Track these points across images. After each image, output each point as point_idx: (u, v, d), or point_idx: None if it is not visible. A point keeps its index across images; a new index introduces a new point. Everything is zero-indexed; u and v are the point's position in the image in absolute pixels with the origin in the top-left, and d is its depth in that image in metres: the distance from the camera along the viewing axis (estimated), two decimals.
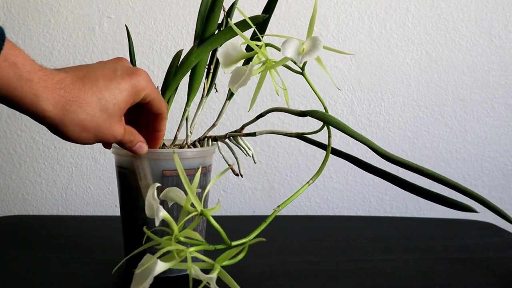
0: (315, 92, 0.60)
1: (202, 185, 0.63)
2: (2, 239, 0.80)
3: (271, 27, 0.98)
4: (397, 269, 0.69)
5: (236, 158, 0.67)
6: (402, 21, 1.01)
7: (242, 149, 0.66)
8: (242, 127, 0.65)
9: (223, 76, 0.98)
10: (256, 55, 0.57)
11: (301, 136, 0.64)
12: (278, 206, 0.53)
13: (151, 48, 0.98)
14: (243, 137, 0.65)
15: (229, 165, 0.66)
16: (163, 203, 0.58)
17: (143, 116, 0.60)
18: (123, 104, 0.53)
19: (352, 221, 0.94)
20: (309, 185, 0.55)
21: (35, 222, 0.90)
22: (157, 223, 0.48)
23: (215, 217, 0.96)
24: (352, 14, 1.00)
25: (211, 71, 0.66)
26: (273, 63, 0.56)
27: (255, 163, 0.66)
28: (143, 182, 0.61)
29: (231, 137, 0.66)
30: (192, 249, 0.49)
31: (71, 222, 0.89)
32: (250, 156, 0.65)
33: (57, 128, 0.50)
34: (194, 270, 0.48)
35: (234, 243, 0.51)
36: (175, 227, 0.49)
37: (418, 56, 1.02)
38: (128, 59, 0.97)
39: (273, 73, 0.57)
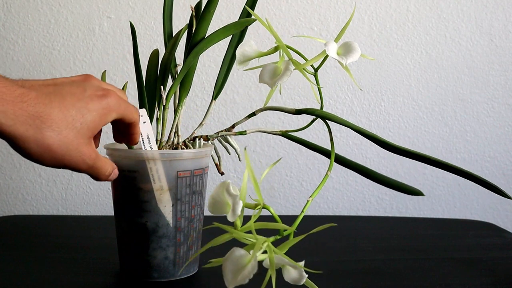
0: (319, 91, 0.60)
1: (201, 187, 0.63)
2: (2, 239, 0.80)
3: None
4: (397, 269, 0.69)
5: (218, 157, 0.67)
6: (402, 21, 1.01)
7: (230, 147, 0.66)
8: (233, 126, 0.66)
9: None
10: (271, 54, 0.59)
11: (285, 134, 0.64)
12: (310, 196, 0.54)
13: (151, 48, 0.98)
14: (232, 136, 0.65)
15: (216, 164, 0.67)
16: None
17: (115, 125, 0.58)
18: (92, 124, 0.50)
19: (352, 221, 0.94)
20: (328, 176, 0.56)
21: (35, 222, 0.90)
22: (233, 219, 0.48)
23: (215, 217, 0.96)
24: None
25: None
26: (299, 63, 0.58)
27: (240, 161, 0.67)
28: (156, 185, 0.59)
29: (222, 136, 0.66)
30: (272, 239, 0.50)
31: (71, 222, 0.89)
32: (237, 155, 0.66)
33: (18, 144, 0.46)
34: (283, 257, 0.48)
35: (285, 233, 0.51)
36: (239, 222, 0.50)
37: (418, 56, 1.02)
38: (131, 58, 0.97)
39: (305, 73, 0.58)
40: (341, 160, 0.64)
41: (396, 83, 1.02)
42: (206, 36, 0.63)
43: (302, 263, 0.50)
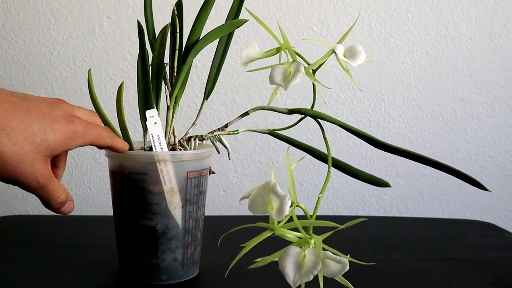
0: (313, 90, 0.60)
1: (206, 187, 0.63)
2: (2, 239, 0.80)
3: (271, 27, 0.98)
4: (397, 269, 0.69)
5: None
6: (402, 21, 1.01)
7: (221, 147, 0.66)
8: (226, 125, 0.66)
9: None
10: (273, 55, 0.61)
11: (273, 133, 0.65)
12: (320, 193, 0.55)
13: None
14: (225, 136, 0.66)
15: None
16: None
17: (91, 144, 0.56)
18: (53, 143, 0.48)
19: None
20: (330, 173, 0.58)
21: (35, 222, 0.90)
22: (280, 218, 0.49)
23: (214, 217, 0.96)
24: (352, 14, 1.00)
25: (175, 72, 0.64)
26: (307, 64, 0.59)
27: (229, 159, 0.67)
28: (167, 186, 0.59)
29: (215, 136, 0.66)
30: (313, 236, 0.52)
31: (71, 222, 0.89)
32: (229, 154, 0.66)
33: None
34: (333, 252, 0.51)
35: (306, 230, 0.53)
36: (275, 220, 0.51)
37: (418, 56, 1.02)
38: (131, 58, 0.97)
39: (311, 75, 0.59)
40: (310, 151, 0.66)
41: (396, 83, 1.02)
42: (202, 35, 0.63)
43: (347, 256, 0.51)
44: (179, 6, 0.63)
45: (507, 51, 1.02)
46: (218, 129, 0.66)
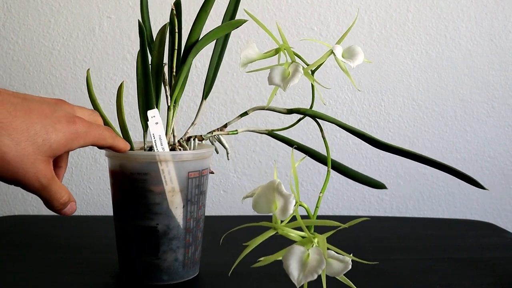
0: (312, 90, 0.60)
1: (206, 187, 0.63)
2: (2, 239, 0.80)
3: (271, 27, 0.98)
4: (397, 269, 0.69)
5: None
6: (402, 21, 1.01)
7: (220, 147, 0.66)
8: (225, 125, 0.66)
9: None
10: (272, 56, 0.61)
11: (271, 133, 0.65)
12: (321, 192, 0.55)
13: None
14: (225, 136, 0.66)
15: None
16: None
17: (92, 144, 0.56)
18: (55, 144, 0.47)
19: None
20: (329, 173, 0.58)
21: (35, 222, 0.90)
22: (284, 217, 0.49)
23: (214, 217, 0.96)
24: (352, 14, 1.00)
25: (174, 72, 0.64)
26: (306, 65, 0.60)
27: (228, 159, 0.67)
28: (168, 186, 0.59)
29: (214, 136, 0.66)
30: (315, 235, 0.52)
31: (71, 222, 0.89)
32: (228, 153, 0.66)
33: None
34: (336, 251, 0.51)
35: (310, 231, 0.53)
36: (278, 220, 0.52)
37: (418, 56, 1.02)
38: (131, 58, 0.97)
39: (310, 75, 0.59)
40: (308, 151, 0.66)
41: (396, 83, 1.02)
42: (202, 35, 0.63)
43: (350, 255, 0.51)
44: (177, 6, 0.63)
45: (507, 51, 1.02)
46: (217, 129, 0.66)
